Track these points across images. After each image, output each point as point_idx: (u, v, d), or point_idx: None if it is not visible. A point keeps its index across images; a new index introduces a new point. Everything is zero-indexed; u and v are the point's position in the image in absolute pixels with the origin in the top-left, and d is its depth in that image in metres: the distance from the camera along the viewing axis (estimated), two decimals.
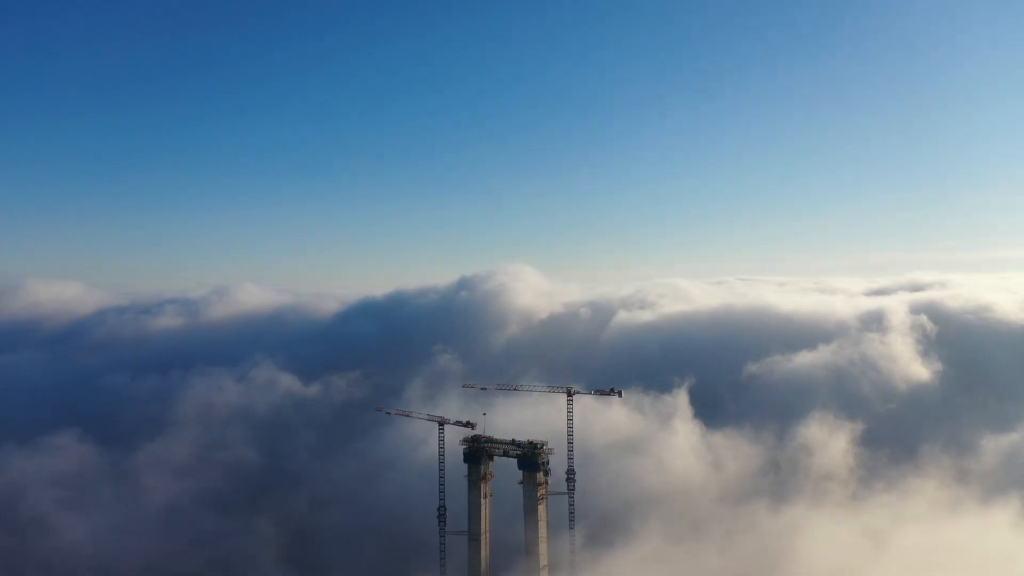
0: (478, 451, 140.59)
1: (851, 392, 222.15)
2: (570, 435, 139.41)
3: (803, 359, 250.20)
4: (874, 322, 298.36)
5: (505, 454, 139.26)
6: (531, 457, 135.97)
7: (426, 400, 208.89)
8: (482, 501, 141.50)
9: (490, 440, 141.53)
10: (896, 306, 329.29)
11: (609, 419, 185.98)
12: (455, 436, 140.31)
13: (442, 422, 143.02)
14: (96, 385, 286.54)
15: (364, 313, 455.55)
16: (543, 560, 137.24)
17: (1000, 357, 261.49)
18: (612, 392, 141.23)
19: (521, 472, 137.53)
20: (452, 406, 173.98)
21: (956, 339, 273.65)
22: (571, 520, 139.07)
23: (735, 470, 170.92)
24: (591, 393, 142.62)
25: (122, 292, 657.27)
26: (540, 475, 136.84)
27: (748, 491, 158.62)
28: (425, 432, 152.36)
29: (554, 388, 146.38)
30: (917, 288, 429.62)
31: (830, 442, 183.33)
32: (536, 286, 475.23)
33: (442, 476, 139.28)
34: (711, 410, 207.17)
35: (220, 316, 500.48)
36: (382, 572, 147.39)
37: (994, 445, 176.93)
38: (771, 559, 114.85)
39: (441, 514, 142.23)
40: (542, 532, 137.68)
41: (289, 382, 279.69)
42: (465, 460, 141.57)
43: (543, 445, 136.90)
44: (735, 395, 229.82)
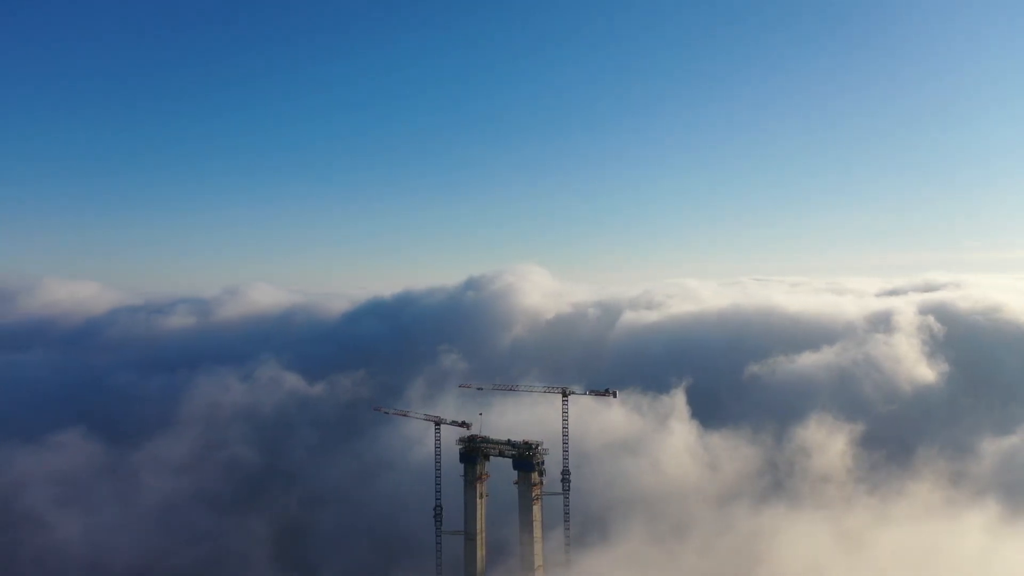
0: (474, 451, 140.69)
1: (853, 393, 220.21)
2: (565, 435, 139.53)
3: (806, 360, 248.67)
4: (881, 323, 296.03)
5: (501, 454, 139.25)
6: (526, 457, 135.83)
7: (427, 400, 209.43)
8: (478, 501, 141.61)
9: (486, 440, 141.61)
10: (905, 307, 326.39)
11: (607, 419, 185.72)
12: (452, 436, 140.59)
13: (438, 422, 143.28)
14: (104, 384, 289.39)
15: (372, 313, 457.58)
16: (537, 560, 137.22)
17: (1007, 359, 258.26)
18: (607, 393, 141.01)
19: (516, 472, 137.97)
20: (452, 406, 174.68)
21: (964, 340, 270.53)
22: (566, 520, 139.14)
23: (731, 471, 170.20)
24: (586, 393, 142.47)
25: (139, 292, 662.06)
26: (535, 475, 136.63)
27: (742, 492, 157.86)
28: (422, 432, 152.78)
29: (550, 388, 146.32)
30: (932, 288, 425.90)
31: (828, 443, 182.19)
32: (544, 286, 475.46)
33: (438, 476, 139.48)
34: (711, 411, 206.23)
35: (231, 316, 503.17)
36: (377, 572, 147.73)
37: (994, 448, 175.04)
38: (749, 560, 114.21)
39: (437, 514, 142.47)
40: (537, 532, 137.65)
41: (293, 381, 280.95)
42: (461, 460, 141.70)
43: (538, 445, 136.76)
44: (736, 396, 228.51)
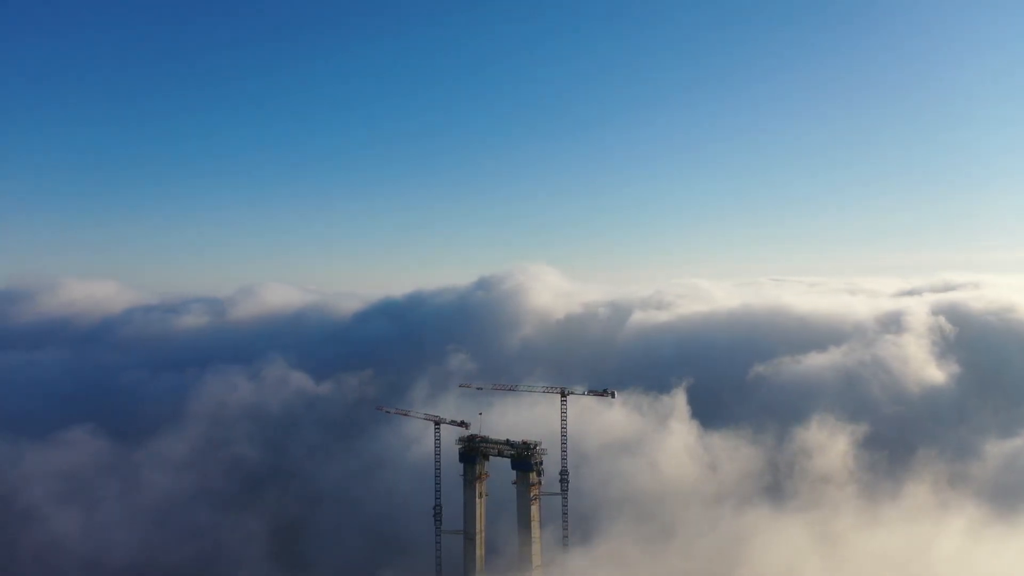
0: (473, 451, 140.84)
1: (859, 395, 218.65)
2: (564, 436, 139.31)
3: (812, 361, 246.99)
4: (892, 324, 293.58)
5: (500, 454, 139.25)
6: (524, 457, 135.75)
7: (431, 400, 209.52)
8: (477, 501, 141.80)
9: (485, 440, 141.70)
10: (917, 307, 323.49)
11: (607, 420, 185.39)
12: (452, 436, 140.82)
13: (438, 422, 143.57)
14: (114, 382, 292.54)
15: (383, 313, 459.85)
16: (536, 560, 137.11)
17: (1018, 359, 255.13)
18: (606, 393, 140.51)
19: (515, 472, 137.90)
20: (455, 406, 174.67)
21: (975, 341, 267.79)
22: (564, 521, 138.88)
23: (729, 472, 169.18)
24: (585, 393, 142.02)
25: (156, 292, 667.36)
26: (533, 475, 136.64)
27: (739, 493, 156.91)
28: (423, 432, 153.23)
29: (549, 388, 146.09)
30: (949, 288, 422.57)
31: (829, 445, 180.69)
32: (555, 286, 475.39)
33: (438, 475, 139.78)
34: (713, 411, 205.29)
35: (244, 315, 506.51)
36: (376, 571, 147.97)
37: (997, 450, 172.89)
38: (734, 561, 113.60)
39: (437, 513, 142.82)
40: (535, 532, 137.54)
41: (300, 380, 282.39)
42: (461, 460, 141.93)
43: (536, 445, 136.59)
44: (739, 396, 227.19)
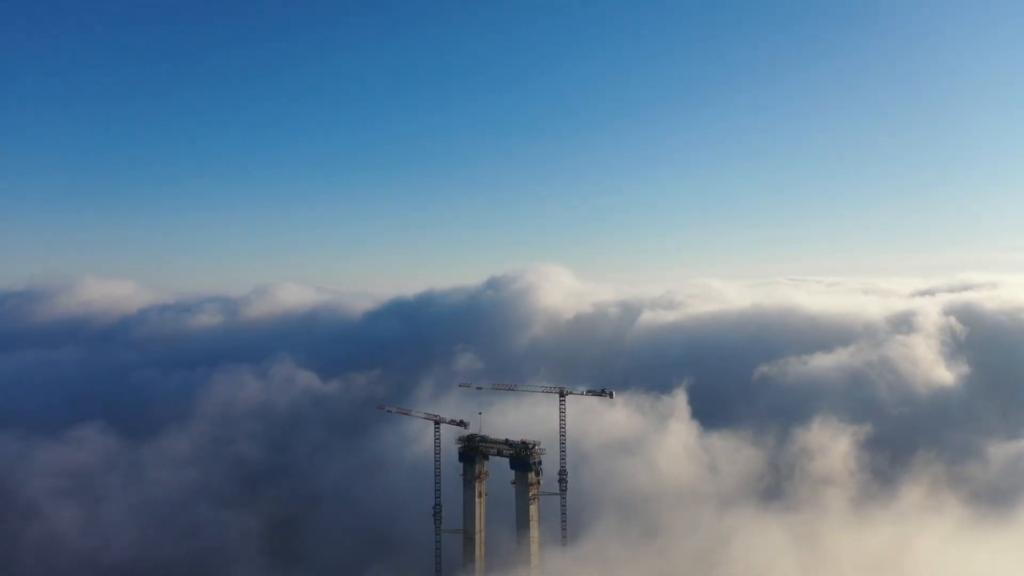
0: (473, 450, 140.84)
1: (865, 396, 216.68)
2: (563, 435, 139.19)
3: (819, 362, 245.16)
4: (904, 324, 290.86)
5: (499, 454, 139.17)
6: (523, 457, 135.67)
7: (436, 399, 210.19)
8: (477, 500, 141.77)
9: (484, 440, 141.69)
10: (930, 308, 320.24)
11: (608, 420, 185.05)
12: (453, 435, 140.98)
13: (438, 421, 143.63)
14: (126, 380, 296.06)
15: (393, 313, 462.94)
16: (534, 560, 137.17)
17: None
18: (604, 393, 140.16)
19: (514, 472, 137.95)
20: (459, 406, 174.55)
21: (986, 341, 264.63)
22: (563, 521, 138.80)
23: (728, 472, 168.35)
24: (584, 393, 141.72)
25: (173, 291, 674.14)
26: (532, 475, 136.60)
27: (736, 494, 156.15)
28: (425, 431, 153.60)
29: (548, 388, 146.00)
30: (967, 288, 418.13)
31: (830, 446, 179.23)
32: (566, 286, 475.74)
33: (438, 475, 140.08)
34: (717, 411, 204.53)
35: (257, 315, 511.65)
36: (376, 570, 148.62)
37: (1001, 452, 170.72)
38: (716, 561, 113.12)
39: (436, 512, 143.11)
40: (534, 532, 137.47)
41: (308, 379, 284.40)
42: (460, 459, 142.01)
43: (535, 445, 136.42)
44: (743, 397, 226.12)
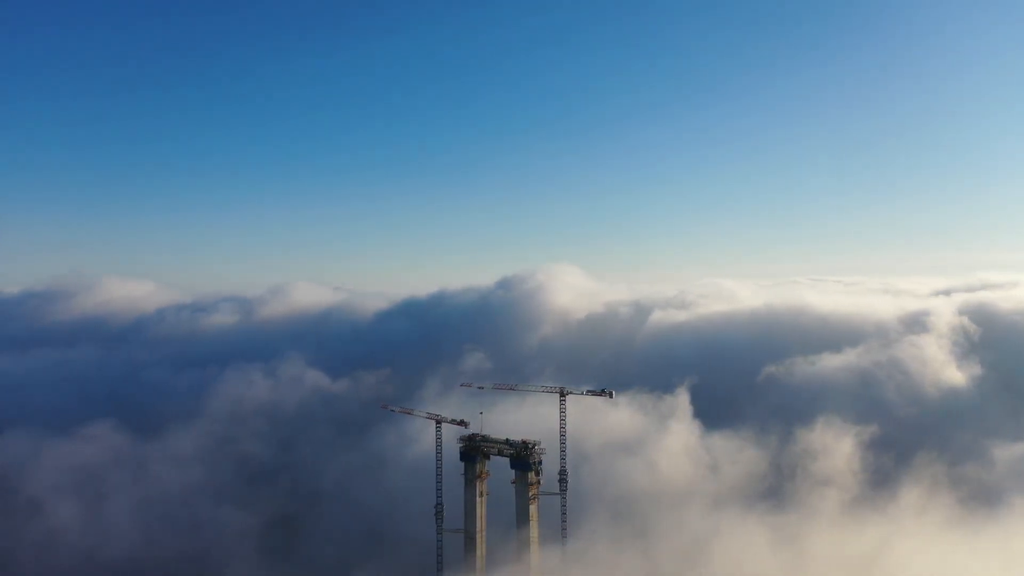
0: (473, 450, 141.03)
1: (872, 396, 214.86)
2: (563, 435, 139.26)
3: (827, 362, 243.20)
4: (916, 324, 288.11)
5: (500, 453, 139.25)
6: (523, 457, 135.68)
7: (440, 399, 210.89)
8: (477, 500, 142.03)
9: (485, 439, 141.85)
10: (943, 307, 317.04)
11: (611, 420, 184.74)
12: (454, 434, 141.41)
13: (439, 420, 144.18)
14: (138, 379, 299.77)
15: (404, 313, 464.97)
16: (534, 560, 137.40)
17: None
18: (604, 393, 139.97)
19: (514, 472, 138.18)
20: (464, 405, 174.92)
21: (999, 341, 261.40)
22: (563, 521, 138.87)
23: (728, 473, 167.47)
24: (584, 393, 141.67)
25: (190, 291, 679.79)
26: (532, 475, 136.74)
27: (733, 494, 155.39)
28: (428, 430, 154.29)
29: (549, 388, 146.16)
30: (985, 287, 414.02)
31: (832, 447, 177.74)
32: (577, 286, 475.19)
33: (439, 474, 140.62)
34: (722, 412, 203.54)
35: (272, 314, 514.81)
36: (377, 568, 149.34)
37: (1007, 454, 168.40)
38: (703, 561, 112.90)
39: (438, 512, 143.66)
40: (533, 532, 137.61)
41: (316, 378, 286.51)
42: (461, 458, 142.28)
43: (535, 445, 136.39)
44: (750, 397, 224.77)
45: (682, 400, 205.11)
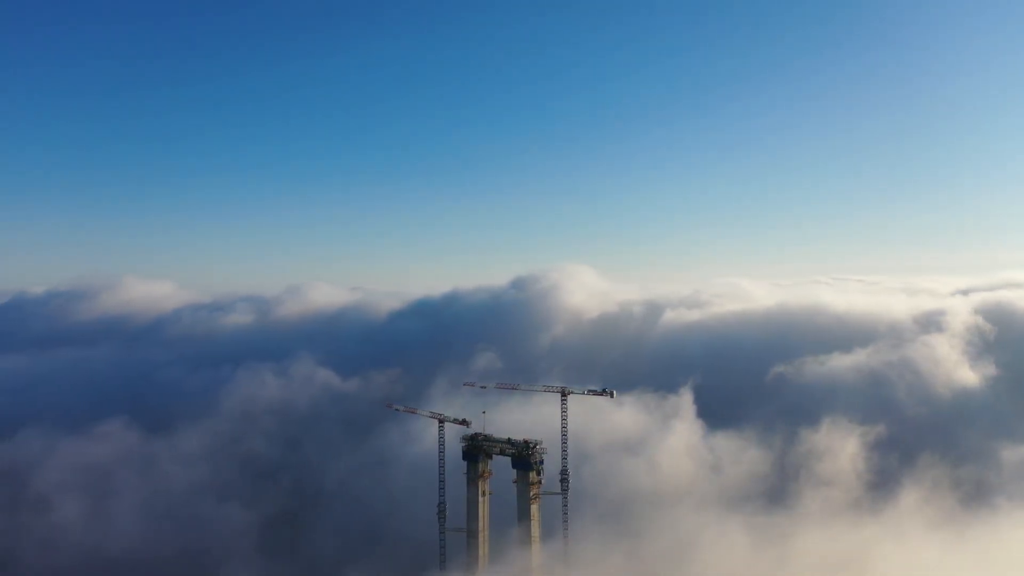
0: (476, 449, 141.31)
1: (881, 396, 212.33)
2: (564, 435, 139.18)
3: (837, 362, 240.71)
4: (931, 323, 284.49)
5: (502, 453, 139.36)
6: (524, 457, 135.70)
7: (447, 398, 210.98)
8: (480, 499, 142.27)
9: (487, 439, 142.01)
10: (960, 307, 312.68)
11: (616, 419, 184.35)
12: (458, 434, 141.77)
13: (441, 420, 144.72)
14: (152, 378, 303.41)
15: (417, 313, 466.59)
16: (535, 560, 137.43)
17: None
18: (605, 392, 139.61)
19: (515, 471, 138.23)
20: (469, 404, 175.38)
21: (1016, 342, 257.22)
22: (564, 520, 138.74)
23: (729, 473, 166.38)
24: (585, 393, 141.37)
25: (209, 291, 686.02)
26: (533, 475, 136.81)
27: (734, 494, 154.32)
28: (432, 430, 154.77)
29: (551, 388, 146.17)
30: (1009, 286, 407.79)
31: (836, 447, 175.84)
32: (591, 286, 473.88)
33: (442, 473, 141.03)
34: (727, 411, 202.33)
35: (287, 313, 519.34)
36: (381, 566, 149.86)
37: (1014, 456, 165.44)
38: (679, 562, 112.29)
39: (441, 511, 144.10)
40: (535, 532, 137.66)
41: (327, 378, 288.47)
42: (464, 458, 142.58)
43: (536, 445, 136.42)
44: (756, 397, 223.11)
45: (686, 400, 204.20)
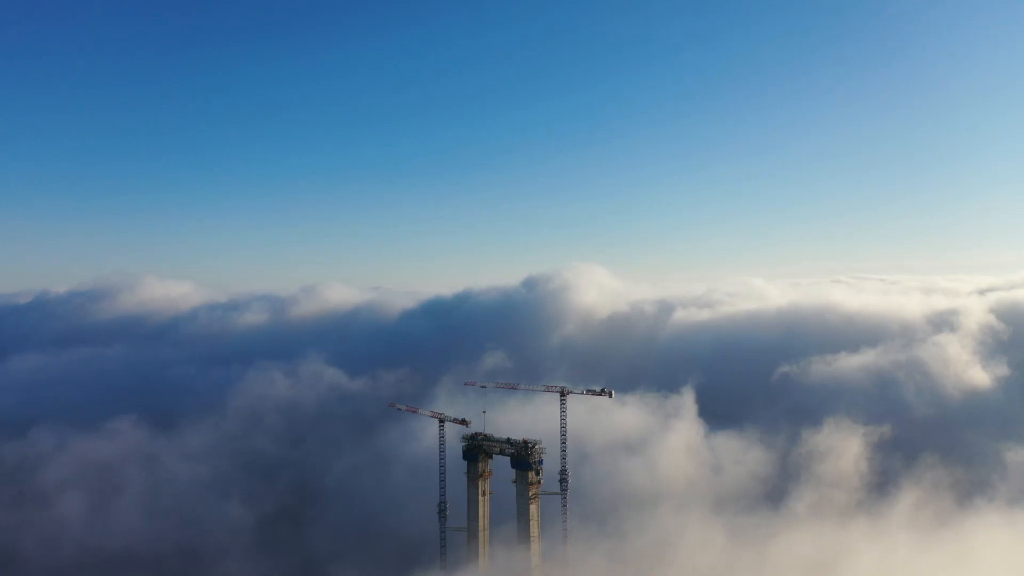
0: (476, 449, 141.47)
1: (888, 397, 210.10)
2: (563, 435, 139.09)
3: (845, 362, 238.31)
4: (944, 323, 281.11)
5: (501, 452, 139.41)
6: (523, 456, 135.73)
7: (452, 397, 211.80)
8: (480, 498, 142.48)
9: (487, 438, 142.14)
10: (975, 306, 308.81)
11: (618, 419, 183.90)
12: (459, 433, 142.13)
13: (442, 419, 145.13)
14: (164, 377, 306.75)
15: (429, 312, 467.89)
16: (535, 560, 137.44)
17: None
18: (603, 392, 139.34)
19: (515, 471, 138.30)
20: (473, 403, 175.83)
21: None
22: (564, 520, 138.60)
23: (729, 473, 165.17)
24: (583, 393, 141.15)
25: (226, 290, 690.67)
26: (532, 475, 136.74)
27: (733, 494, 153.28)
28: (433, 429, 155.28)
29: (550, 388, 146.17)
30: None
31: (837, 448, 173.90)
32: (603, 285, 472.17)
33: (443, 472, 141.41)
34: (731, 411, 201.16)
35: (302, 313, 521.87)
36: (382, 565, 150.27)
37: (1019, 458, 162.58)
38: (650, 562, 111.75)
39: (441, 510, 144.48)
40: (534, 531, 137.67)
41: (335, 377, 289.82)
42: (464, 457, 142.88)
43: (535, 445, 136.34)
44: (762, 397, 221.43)
45: (687, 400, 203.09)
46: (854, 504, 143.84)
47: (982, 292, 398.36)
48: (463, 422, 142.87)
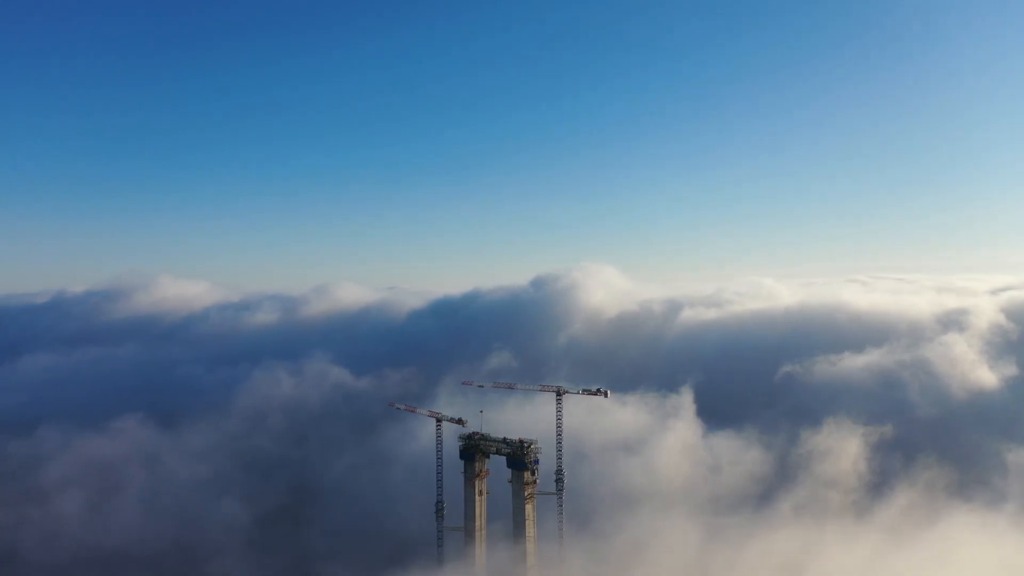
0: (472, 448, 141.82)
1: (892, 397, 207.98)
2: (559, 435, 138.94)
3: (849, 362, 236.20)
4: (952, 322, 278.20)
5: (497, 452, 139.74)
6: (519, 456, 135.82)
7: (453, 397, 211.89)
8: (477, 497, 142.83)
9: (484, 438, 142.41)
10: (985, 306, 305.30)
11: (613, 419, 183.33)
12: (456, 433, 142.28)
13: (439, 419, 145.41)
14: (171, 376, 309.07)
15: (437, 311, 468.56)
16: (530, 560, 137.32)
17: None
18: (599, 392, 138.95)
19: (511, 471, 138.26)
20: (473, 403, 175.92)
21: None
22: (560, 520, 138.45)
23: (727, 473, 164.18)
24: (579, 392, 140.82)
25: (240, 290, 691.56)
26: (527, 474, 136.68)
27: (729, 495, 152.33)
28: (431, 428, 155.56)
29: (546, 387, 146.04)
30: None
31: (837, 449, 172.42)
32: (611, 285, 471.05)
33: (440, 472, 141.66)
34: (731, 411, 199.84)
35: (312, 312, 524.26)
36: (378, 564, 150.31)
37: (1020, 459, 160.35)
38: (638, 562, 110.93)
39: (439, 509, 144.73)
40: (530, 531, 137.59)
41: (340, 376, 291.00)
42: (461, 457, 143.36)
43: (531, 444, 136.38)
44: (764, 397, 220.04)
45: (686, 399, 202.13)
46: (848, 504, 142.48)
47: (995, 292, 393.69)
48: (460, 422, 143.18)
